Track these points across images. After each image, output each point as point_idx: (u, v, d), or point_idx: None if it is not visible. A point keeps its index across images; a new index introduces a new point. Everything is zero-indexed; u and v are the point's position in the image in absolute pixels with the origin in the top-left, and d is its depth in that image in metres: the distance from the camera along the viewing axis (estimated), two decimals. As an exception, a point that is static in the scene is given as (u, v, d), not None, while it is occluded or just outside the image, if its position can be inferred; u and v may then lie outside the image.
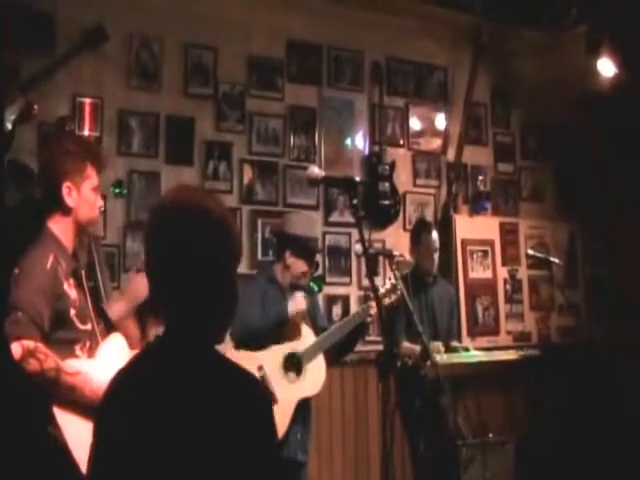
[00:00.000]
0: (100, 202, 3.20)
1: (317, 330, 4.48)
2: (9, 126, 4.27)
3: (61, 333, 2.93)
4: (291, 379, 4.28)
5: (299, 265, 4.41)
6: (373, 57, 6.37)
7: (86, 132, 5.09)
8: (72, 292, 3.02)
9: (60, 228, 3.09)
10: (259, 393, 1.87)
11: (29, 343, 2.74)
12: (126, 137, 5.29)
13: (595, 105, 6.49)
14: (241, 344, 4.16)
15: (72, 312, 2.98)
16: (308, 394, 4.35)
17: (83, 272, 3.17)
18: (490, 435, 5.39)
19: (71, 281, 3.04)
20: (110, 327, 3.18)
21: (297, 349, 4.34)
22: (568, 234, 7.21)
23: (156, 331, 2.96)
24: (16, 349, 2.72)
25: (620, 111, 6.37)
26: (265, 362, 4.20)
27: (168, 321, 1.86)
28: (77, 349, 2.97)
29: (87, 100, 5.14)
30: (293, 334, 4.34)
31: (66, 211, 3.09)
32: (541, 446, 5.73)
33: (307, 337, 4.41)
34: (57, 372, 2.78)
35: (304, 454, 4.37)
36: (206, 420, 1.72)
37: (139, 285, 3.16)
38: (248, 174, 5.74)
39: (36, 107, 4.42)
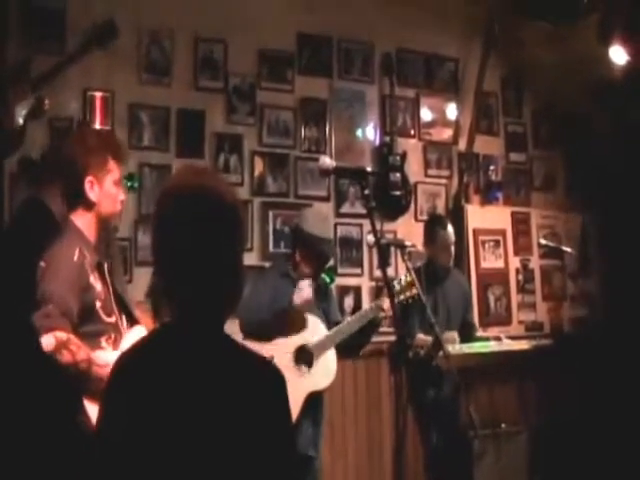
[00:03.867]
0: (122, 195, 3.22)
1: (330, 324, 4.48)
2: (20, 121, 4.27)
3: (88, 326, 2.96)
4: (302, 371, 4.29)
5: (306, 266, 4.43)
6: (383, 48, 6.34)
7: (97, 127, 5.08)
8: (97, 285, 3.04)
9: (83, 222, 3.11)
10: (272, 373, 1.84)
11: (61, 335, 2.76)
12: (137, 131, 5.29)
13: (607, 94, 6.46)
14: (250, 336, 4.17)
15: (98, 305, 3.01)
16: (318, 387, 4.35)
17: (106, 265, 3.18)
18: (503, 425, 5.39)
19: (95, 274, 3.06)
20: (132, 320, 3.21)
21: (308, 341, 4.35)
22: (580, 224, 7.18)
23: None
24: (49, 341, 2.73)
25: (632, 99, 6.33)
26: (276, 353, 4.19)
27: (175, 306, 1.84)
28: (103, 341, 2.99)
29: (98, 94, 5.14)
30: (298, 325, 4.35)
31: (89, 205, 3.11)
32: (554, 436, 5.71)
33: (317, 329, 4.42)
34: (89, 364, 2.80)
35: (314, 449, 4.37)
36: (215, 401, 1.71)
37: None
38: (259, 166, 5.74)
39: (47, 102, 4.41)
